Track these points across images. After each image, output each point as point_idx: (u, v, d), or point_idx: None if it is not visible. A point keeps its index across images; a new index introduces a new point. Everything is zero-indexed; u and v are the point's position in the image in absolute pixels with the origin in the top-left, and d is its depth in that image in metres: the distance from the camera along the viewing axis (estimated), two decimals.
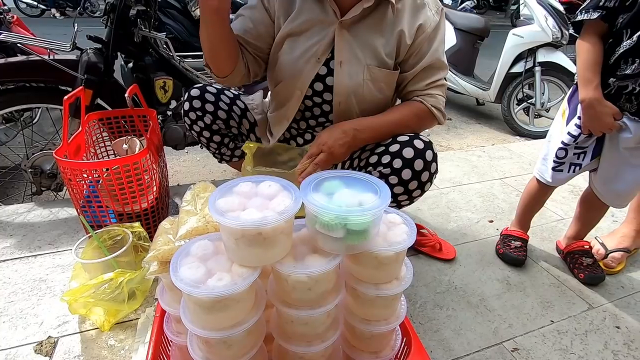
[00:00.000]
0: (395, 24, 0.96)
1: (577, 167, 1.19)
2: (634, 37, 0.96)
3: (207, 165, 2.33)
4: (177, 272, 0.56)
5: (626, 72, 0.99)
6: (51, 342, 0.96)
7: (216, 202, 0.55)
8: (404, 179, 0.95)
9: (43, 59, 1.38)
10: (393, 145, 0.96)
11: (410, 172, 0.94)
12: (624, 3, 0.98)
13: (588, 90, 1.04)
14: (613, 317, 1.14)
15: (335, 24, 0.96)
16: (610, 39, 1.03)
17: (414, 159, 0.93)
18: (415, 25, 0.96)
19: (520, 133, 2.98)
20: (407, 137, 0.96)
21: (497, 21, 10.16)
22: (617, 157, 1.12)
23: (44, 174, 1.51)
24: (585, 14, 1.04)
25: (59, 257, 1.24)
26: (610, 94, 1.05)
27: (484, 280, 1.26)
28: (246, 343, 0.63)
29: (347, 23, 0.96)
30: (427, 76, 1.00)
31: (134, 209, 1.19)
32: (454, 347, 1.01)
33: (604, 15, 1.01)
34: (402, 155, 0.94)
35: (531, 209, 1.39)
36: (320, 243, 0.60)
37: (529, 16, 2.87)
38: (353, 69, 0.98)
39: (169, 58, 1.71)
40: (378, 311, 0.71)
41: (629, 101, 1.03)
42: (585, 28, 1.07)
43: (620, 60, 1.00)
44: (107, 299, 0.95)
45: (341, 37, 0.97)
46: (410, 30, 0.96)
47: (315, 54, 0.98)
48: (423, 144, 0.95)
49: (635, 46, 0.97)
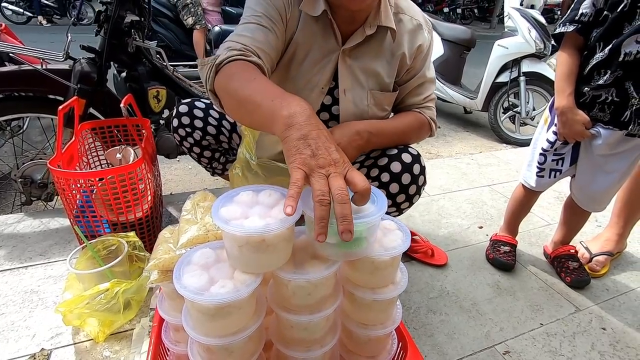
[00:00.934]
0: (395, 47, 0.96)
1: (557, 172, 1.25)
2: (605, 50, 1.02)
3: (199, 174, 2.33)
4: (181, 280, 0.56)
5: (599, 83, 1.05)
6: (44, 354, 0.94)
7: (219, 210, 0.57)
8: (392, 192, 0.96)
9: (36, 69, 1.38)
10: (381, 158, 0.97)
11: (397, 185, 0.96)
12: (598, 18, 1.04)
13: (562, 98, 1.12)
14: (599, 319, 1.18)
15: (336, 51, 0.93)
16: (586, 51, 1.09)
17: (402, 173, 0.95)
18: (414, 47, 0.98)
19: (507, 140, 3.06)
20: (396, 150, 0.98)
21: (482, 32, 10.44)
22: (592, 164, 1.18)
23: (35, 184, 1.50)
24: (562, 26, 1.11)
25: (51, 268, 1.22)
26: (585, 103, 1.11)
27: (475, 285, 1.29)
28: (247, 349, 0.64)
29: (348, 50, 0.93)
30: (423, 91, 1.03)
31: (128, 219, 1.18)
32: (448, 351, 1.03)
33: (579, 28, 1.07)
34: (390, 169, 0.95)
35: (518, 214, 1.43)
36: (318, 249, 0.62)
37: (513, 28, 2.98)
38: (357, 96, 0.97)
39: (162, 68, 1.72)
40: (375, 315, 0.73)
41: (602, 110, 1.08)
42: (564, 40, 1.13)
43: (593, 72, 1.07)
44: (103, 309, 0.94)
45: (343, 64, 0.94)
46: (410, 51, 0.98)
47: (319, 84, 0.95)
48: (411, 158, 0.96)
49: (606, 59, 1.03)
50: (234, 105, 0.72)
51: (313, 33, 0.92)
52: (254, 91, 0.66)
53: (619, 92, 1.03)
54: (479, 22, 13.25)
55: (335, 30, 0.91)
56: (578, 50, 1.11)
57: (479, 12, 13.62)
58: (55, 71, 1.41)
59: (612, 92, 1.04)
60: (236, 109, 0.72)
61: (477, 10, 13.54)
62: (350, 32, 0.92)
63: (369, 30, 0.91)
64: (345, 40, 0.93)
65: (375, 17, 0.91)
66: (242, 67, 0.73)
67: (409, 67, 1.01)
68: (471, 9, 13.23)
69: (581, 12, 1.06)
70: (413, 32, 0.98)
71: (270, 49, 0.85)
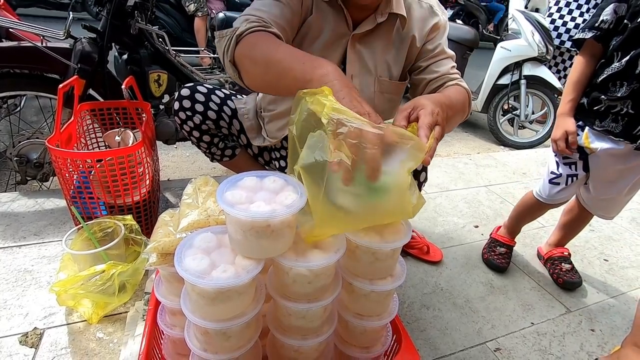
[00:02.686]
0: (404, 33, 0.97)
1: (574, 177, 1.19)
2: (623, 61, 0.99)
3: (196, 162, 2.31)
4: (182, 263, 0.56)
5: (617, 95, 1.01)
6: (37, 333, 0.94)
7: (224, 194, 0.56)
8: None
9: (36, 46, 1.35)
10: None
11: None
12: (617, 26, 1.01)
13: (562, 103, 1.13)
14: (588, 321, 1.20)
15: (347, 36, 0.95)
16: (603, 59, 1.07)
17: None
18: (426, 28, 0.98)
19: (505, 143, 3.07)
20: None
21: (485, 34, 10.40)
22: (605, 175, 1.16)
23: (30, 163, 1.48)
24: (581, 32, 1.09)
25: (45, 248, 1.21)
26: (599, 111, 1.08)
27: (469, 282, 1.30)
28: (244, 335, 0.64)
29: (358, 36, 0.95)
30: (447, 62, 0.99)
31: (125, 202, 1.17)
32: (440, 346, 1.05)
33: (598, 35, 1.05)
34: None
35: (522, 220, 1.43)
36: (341, 200, 0.56)
37: (517, 30, 2.98)
38: (364, 82, 0.98)
39: (164, 52, 1.70)
40: (371, 306, 0.73)
41: (614, 121, 1.05)
42: (583, 47, 1.11)
43: (609, 82, 1.04)
44: (98, 291, 0.94)
45: (353, 49, 0.96)
46: (420, 34, 0.98)
47: None
48: None
49: (623, 70, 1.00)
50: (259, 73, 0.73)
51: (325, 16, 0.94)
52: (283, 55, 0.68)
53: (635, 105, 1.00)
54: None
55: (346, 15, 0.93)
56: (595, 57, 1.09)
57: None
58: (56, 49, 1.39)
59: (627, 104, 1.01)
60: (262, 75, 0.73)
61: None
62: (362, 19, 0.94)
63: (380, 17, 0.92)
64: (356, 26, 0.94)
65: (387, 4, 0.91)
66: (264, 37, 0.74)
67: (424, 46, 0.99)
68: None
69: (601, 19, 1.04)
70: (424, 16, 0.98)
71: (286, 23, 0.86)
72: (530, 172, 2.27)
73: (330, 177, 0.53)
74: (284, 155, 1.22)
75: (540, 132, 3.07)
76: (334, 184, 0.54)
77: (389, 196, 0.57)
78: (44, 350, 0.90)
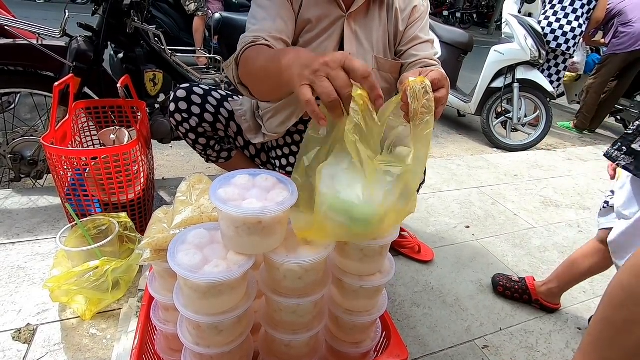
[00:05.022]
0: (391, 12, 1.03)
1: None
2: None
3: (191, 161, 2.32)
4: (175, 258, 0.58)
5: None
6: (30, 329, 0.94)
7: (217, 191, 0.58)
8: None
9: (32, 44, 1.36)
10: None
11: None
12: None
13: None
14: (575, 319, 1.22)
15: (342, 18, 1.00)
16: None
17: None
18: (409, 8, 1.03)
19: (497, 145, 3.11)
20: None
21: (479, 37, 10.52)
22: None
23: (25, 161, 1.48)
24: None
25: (39, 246, 1.22)
26: None
27: (459, 281, 1.33)
28: (236, 329, 0.66)
29: (353, 15, 1.00)
30: (426, 47, 1.05)
31: (120, 200, 1.18)
32: (429, 343, 1.07)
33: None
34: None
35: (582, 276, 1.18)
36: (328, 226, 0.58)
37: (510, 35, 3.02)
38: (362, 60, 1.01)
39: (160, 51, 1.71)
40: (361, 302, 0.75)
41: None
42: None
43: None
44: (91, 287, 0.95)
45: (349, 28, 1.01)
46: (402, 8, 1.03)
47: (327, 50, 1.00)
48: None
49: None
50: (259, 84, 0.78)
51: (317, 3, 0.98)
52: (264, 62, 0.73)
53: None
54: (477, 28, 13.36)
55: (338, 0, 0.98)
56: None
57: (477, 18, 13.73)
58: (51, 47, 1.39)
59: None
60: (262, 85, 0.77)
61: (476, 15, 13.65)
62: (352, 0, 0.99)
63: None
64: (349, 7, 0.99)
65: None
66: (254, 51, 0.80)
67: (406, 30, 1.04)
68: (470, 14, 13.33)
69: None
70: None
71: (279, 32, 0.91)
72: (521, 174, 2.31)
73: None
74: (285, 153, 1.22)
75: (532, 135, 3.11)
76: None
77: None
78: (37, 346, 0.91)
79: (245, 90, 0.85)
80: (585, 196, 2.12)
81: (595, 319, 0.82)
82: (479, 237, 1.60)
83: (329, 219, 0.57)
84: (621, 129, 4.17)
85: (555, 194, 2.09)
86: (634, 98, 3.80)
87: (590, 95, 3.60)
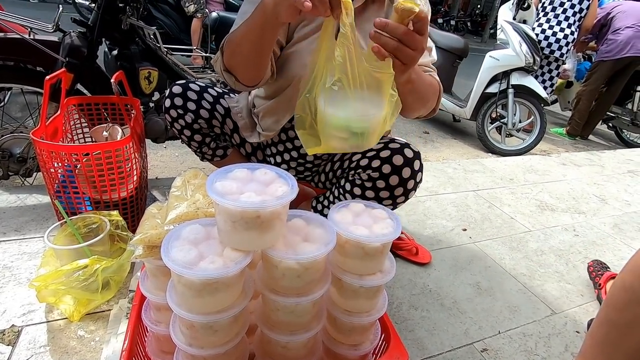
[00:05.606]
0: (389, 10, 0.99)
1: None
2: None
3: (185, 162, 2.29)
4: (169, 254, 0.55)
5: None
6: (14, 331, 0.90)
7: (214, 184, 0.56)
8: (390, 185, 0.98)
9: (24, 38, 1.32)
10: (384, 151, 0.99)
11: (397, 178, 0.97)
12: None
13: None
14: (573, 323, 1.21)
15: None
16: None
17: (403, 166, 0.97)
18: None
19: (492, 150, 3.13)
20: (398, 144, 1.00)
21: (473, 45, 10.63)
22: None
23: (13, 158, 1.44)
24: None
25: (26, 245, 1.18)
26: None
27: (456, 284, 1.31)
28: (231, 330, 0.63)
29: None
30: (425, 56, 0.98)
31: (112, 198, 1.15)
32: (428, 346, 1.05)
33: None
34: (392, 162, 0.97)
35: None
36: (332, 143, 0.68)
37: (505, 41, 3.05)
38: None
39: (156, 49, 1.69)
40: (360, 303, 0.73)
41: None
42: None
43: None
44: (80, 287, 0.91)
45: None
46: None
47: None
48: (413, 153, 0.99)
49: None
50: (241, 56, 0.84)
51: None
52: (244, 28, 0.79)
53: None
54: (471, 36, 13.54)
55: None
56: None
57: (471, 26, 13.93)
58: (44, 42, 1.36)
59: None
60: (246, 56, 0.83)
61: (470, 23, 13.84)
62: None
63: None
64: None
65: None
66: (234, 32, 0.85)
67: None
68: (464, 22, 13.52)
69: None
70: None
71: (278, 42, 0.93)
72: (517, 178, 2.31)
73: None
74: (280, 150, 1.20)
75: (527, 140, 3.13)
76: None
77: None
78: (21, 348, 0.87)
79: (231, 77, 0.89)
80: (580, 200, 2.13)
81: (597, 322, 0.80)
82: (476, 239, 1.59)
83: (333, 136, 0.67)
84: (613, 136, 4.22)
85: (551, 198, 2.10)
86: (626, 105, 3.86)
87: (582, 102, 3.65)
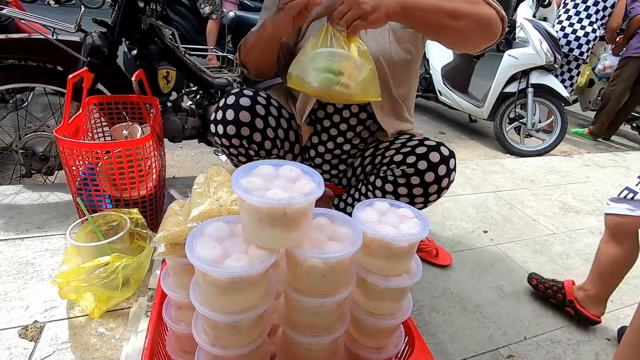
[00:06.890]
0: None
1: None
2: None
3: (201, 162, 2.30)
4: (194, 251, 0.54)
5: None
6: (37, 326, 0.91)
7: (239, 181, 0.54)
8: (426, 181, 0.96)
9: (47, 38, 1.34)
10: (420, 147, 0.97)
11: (433, 175, 0.95)
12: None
13: None
14: (603, 330, 1.16)
15: None
16: None
17: (439, 164, 0.95)
18: None
19: (511, 151, 3.05)
20: (434, 142, 0.98)
21: None
22: None
23: (36, 156, 1.46)
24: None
25: (48, 241, 1.19)
26: None
27: (479, 288, 1.27)
28: (254, 330, 0.62)
29: None
30: None
31: (132, 196, 1.15)
32: (450, 351, 1.01)
33: None
34: (429, 158, 0.95)
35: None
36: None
37: (525, 39, 2.97)
38: (378, 33, 0.98)
39: (174, 49, 1.70)
40: (386, 305, 0.70)
41: None
42: None
43: None
44: (101, 284, 0.91)
45: None
46: None
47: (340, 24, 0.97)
48: (448, 152, 0.97)
49: None
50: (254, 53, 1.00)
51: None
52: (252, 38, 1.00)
53: None
54: None
55: None
56: None
57: None
58: (66, 42, 1.38)
59: None
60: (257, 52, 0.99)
61: None
62: None
63: None
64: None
65: None
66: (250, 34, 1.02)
67: None
68: None
69: None
70: None
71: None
72: (538, 180, 2.25)
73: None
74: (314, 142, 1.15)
75: (547, 141, 3.05)
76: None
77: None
78: (44, 344, 0.87)
79: (244, 70, 1.07)
80: (606, 203, 2.05)
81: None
82: (498, 242, 1.55)
83: (318, 77, 0.76)
84: (636, 136, 4.08)
85: (575, 200, 2.03)
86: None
87: (612, 103, 3.51)
